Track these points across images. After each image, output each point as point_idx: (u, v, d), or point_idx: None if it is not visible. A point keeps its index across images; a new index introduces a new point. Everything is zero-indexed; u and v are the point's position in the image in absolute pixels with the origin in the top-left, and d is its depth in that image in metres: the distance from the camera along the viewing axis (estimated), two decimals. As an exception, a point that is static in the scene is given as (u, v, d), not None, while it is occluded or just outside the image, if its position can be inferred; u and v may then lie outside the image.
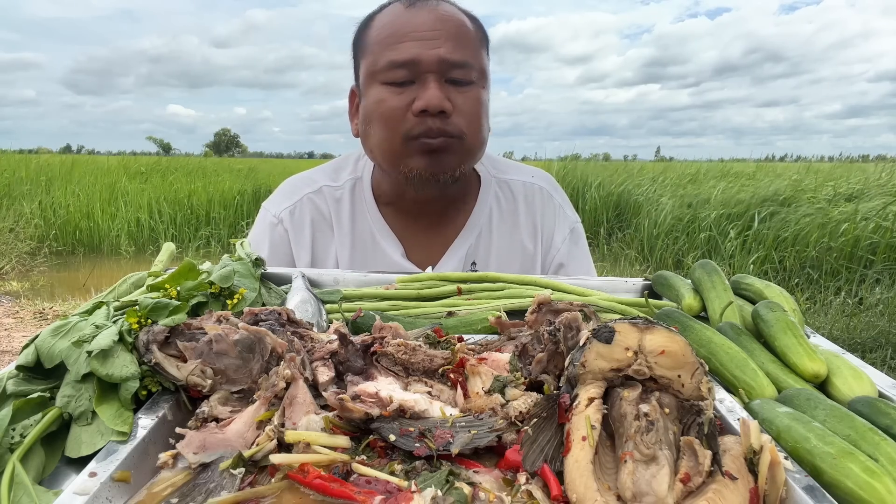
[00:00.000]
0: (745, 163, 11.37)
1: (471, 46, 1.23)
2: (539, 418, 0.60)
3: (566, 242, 1.45)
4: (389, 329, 0.80)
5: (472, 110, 1.22)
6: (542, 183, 1.48)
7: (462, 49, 1.20)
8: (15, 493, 0.54)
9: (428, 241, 1.39)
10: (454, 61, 1.18)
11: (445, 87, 1.19)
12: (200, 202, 10.07)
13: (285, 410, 0.64)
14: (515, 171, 1.50)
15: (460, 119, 1.20)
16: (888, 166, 8.67)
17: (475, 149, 1.27)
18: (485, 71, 1.26)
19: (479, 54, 1.25)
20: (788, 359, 0.77)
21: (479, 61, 1.24)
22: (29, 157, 14.16)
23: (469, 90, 1.22)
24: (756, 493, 0.53)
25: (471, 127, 1.23)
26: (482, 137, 1.28)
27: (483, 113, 1.25)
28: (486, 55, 1.28)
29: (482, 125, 1.26)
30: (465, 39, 1.22)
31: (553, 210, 1.46)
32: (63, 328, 0.70)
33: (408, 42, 1.18)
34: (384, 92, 1.21)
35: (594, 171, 9.90)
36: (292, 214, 1.40)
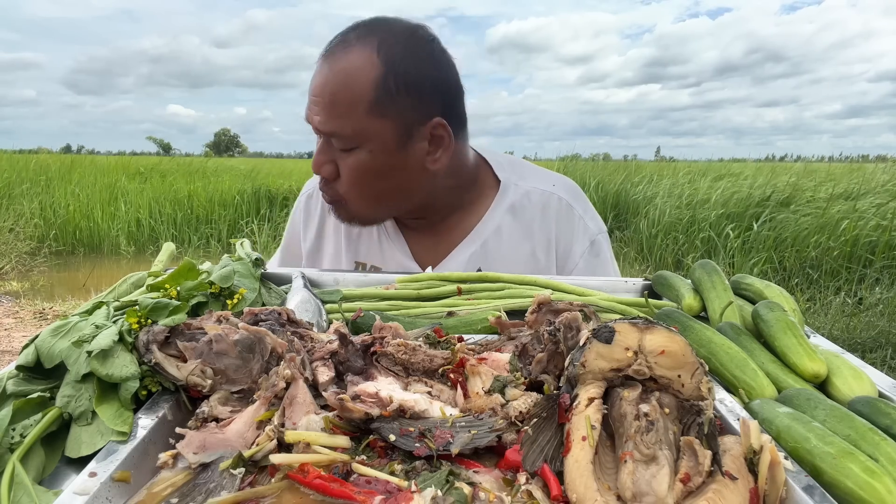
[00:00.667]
0: (744, 163, 11.38)
1: (347, 113, 1.15)
2: (539, 418, 0.60)
3: (585, 256, 1.39)
4: (389, 329, 0.80)
5: (350, 177, 1.21)
6: (563, 193, 1.42)
7: (333, 119, 1.16)
8: (15, 493, 0.54)
9: (434, 243, 1.38)
10: (326, 132, 1.18)
11: (333, 150, 1.20)
12: (200, 202, 10.07)
13: (285, 410, 0.64)
14: (536, 178, 1.45)
15: (340, 185, 1.22)
16: (888, 166, 8.67)
17: (361, 210, 1.27)
18: (368, 134, 1.16)
19: (360, 118, 1.16)
20: (788, 359, 0.77)
21: (356, 126, 1.16)
22: (29, 156, 14.16)
23: (349, 156, 1.19)
24: (756, 493, 0.53)
25: (351, 192, 1.23)
26: (368, 198, 1.25)
27: (365, 176, 1.20)
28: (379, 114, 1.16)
29: (364, 188, 1.22)
30: (340, 106, 1.16)
31: (572, 222, 1.40)
32: (63, 328, 0.70)
33: (308, 101, 1.21)
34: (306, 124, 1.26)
35: (594, 171, 9.89)
36: (309, 198, 1.51)
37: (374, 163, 1.19)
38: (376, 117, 1.17)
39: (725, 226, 7.04)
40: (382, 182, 1.22)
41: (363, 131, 1.17)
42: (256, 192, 10.58)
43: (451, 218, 1.38)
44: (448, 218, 1.38)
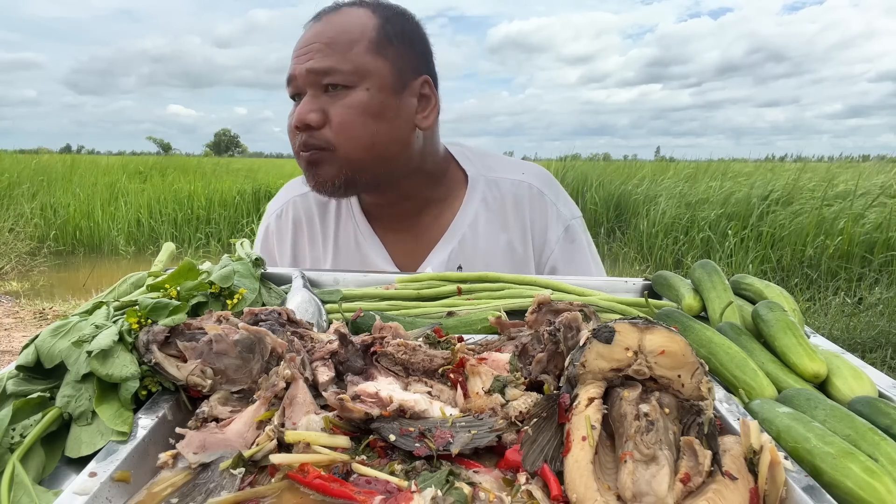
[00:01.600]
0: (744, 163, 11.38)
1: (346, 49, 1.17)
2: (539, 418, 0.60)
3: (560, 242, 1.38)
4: (389, 329, 0.80)
5: (343, 118, 1.17)
6: (533, 180, 1.41)
7: (331, 56, 1.16)
8: (15, 493, 0.54)
9: (411, 245, 1.37)
10: (319, 69, 1.16)
11: (321, 99, 1.18)
12: (200, 202, 10.07)
13: (285, 410, 0.64)
14: (505, 168, 1.44)
15: (330, 130, 1.18)
16: (887, 166, 8.67)
17: (353, 155, 1.20)
18: (368, 71, 1.18)
19: (361, 55, 1.18)
20: (788, 359, 0.77)
21: (355, 62, 1.17)
22: (29, 157, 14.16)
23: (344, 96, 1.17)
24: (756, 493, 0.53)
25: (341, 135, 1.18)
26: (361, 142, 1.20)
27: (362, 116, 1.18)
28: (379, 53, 1.20)
29: (359, 130, 1.19)
30: (339, 44, 1.17)
31: (544, 208, 1.39)
32: (63, 328, 0.70)
33: (293, 59, 1.21)
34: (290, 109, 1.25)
35: (594, 171, 9.90)
36: (279, 217, 1.46)
37: (372, 102, 1.19)
38: (375, 56, 1.20)
39: (725, 226, 7.04)
40: (377, 124, 1.20)
41: (363, 67, 1.19)
42: (256, 192, 10.59)
43: (425, 216, 1.37)
44: (422, 216, 1.37)
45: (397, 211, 1.36)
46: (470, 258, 1.33)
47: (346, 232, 1.38)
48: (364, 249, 1.36)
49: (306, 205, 1.43)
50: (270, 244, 1.47)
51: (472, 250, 1.34)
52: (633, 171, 10.35)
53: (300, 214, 1.43)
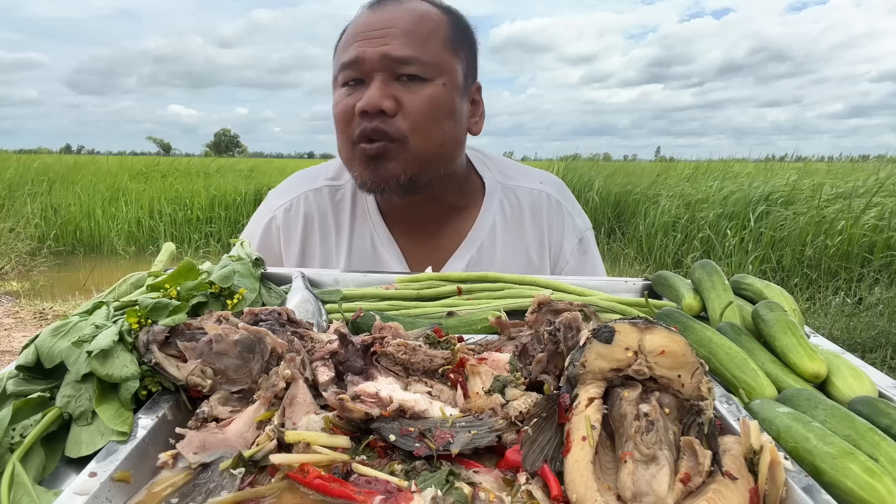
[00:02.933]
0: (745, 163, 11.39)
1: (425, 41, 1.16)
2: (539, 418, 0.60)
3: (575, 253, 1.39)
4: (389, 329, 0.80)
5: (420, 109, 1.14)
6: (551, 190, 1.41)
7: (412, 45, 1.14)
8: (15, 493, 0.54)
9: (428, 251, 1.35)
10: (399, 57, 1.13)
11: (392, 86, 1.14)
12: (200, 202, 10.07)
13: (285, 410, 0.64)
14: (523, 176, 1.43)
15: (404, 120, 1.14)
16: (886, 166, 8.68)
17: (424, 152, 1.17)
18: (445, 67, 1.18)
19: (438, 49, 1.17)
20: (788, 359, 0.77)
21: (435, 56, 1.16)
22: (29, 157, 14.17)
23: (420, 88, 1.15)
24: (756, 493, 0.53)
25: (416, 127, 1.14)
26: (435, 139, 1.18)
27: (437, 111, 1.16)
28: (454, 50, 1.21)
29: (432, 125, 1.16)
30: (419, 34, 1.15)
31: (561, 219, 1.39)
32: (63, 328, 0.70)
33: (358, 41, 1.16)
34: (339, 94, 1.20)
35: (595, 171, 9.89)
36: (287, 212, 1.38)
37: (445, 98, 1.18)
38: (451, 53, 1.20)
39: (725, 226, 7.04)
40: (447, 122, 1.19)
41: (441, 61, 1.18)
42: (257, 193, 10.59)
43: (445, 222, 1.35)
44: (442, 221, 1.35)
45: (419, 215, 1.33)
46: (487, 266, 1.32)
47: (361, 233, 1.34)
48: (380, 253, 1.33)
49: (319, 201, 1.37)
50: (274, 240, 1.38)
51: (489, 259, 1.33)
52: (634, 171, 10.35)
53: (312, 211, 1.36)
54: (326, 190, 1.38)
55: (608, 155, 13.91)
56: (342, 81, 1.19)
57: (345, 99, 1.18)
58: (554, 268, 1.39)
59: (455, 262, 1.32)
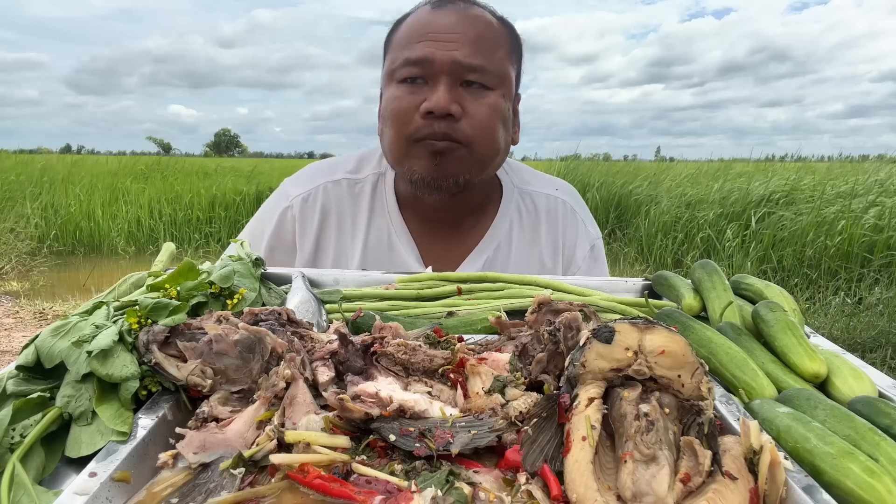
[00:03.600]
0: (745, 162, 11.39)
1: (492, 51, 1.19)
2: (539, 418, 0.60)
3: (586, 260, 1.41)
4: (389, 329, 0.80)
5: (484, 117, 1.17)
6: (566, 197, 1.44)
7: (480, 53, 1.17)
8: (15, 493, 0.54)
9: (445, 249, 1.36)
10: (468, 65, 1.15)
11: (457, 91, 1.16)
12: (201, 202, 10.07)
13: (285, 410, 0.64)
14: (539, 182, 1.46)
15: (469, 125, 1.17)
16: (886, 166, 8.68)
17: (485, 159, 1.22)
18: (507, 77, 1.22)
19: (502, 60, 1.21)
20: (788, 359, 0.77)
21: (499, 67, 1.20)
22: (29, 157, 14.17)
23: (484, 96, 1.18)
24: (756, 493, 0.53)
25: (480, 135, 1.18)
26: (495, 147, 1.22)
27: (497, 121, 1.20)
28: (513, 62, 1.25)
29: (495, 134, 1.21)
30: (486, 44, 1.18)
31: (575, 226, 1.42)
32: (63, 328, 0.70)
33: (425, 41, 1.17)
34: (398, 90, 1.20)
35: (596, 172, 9.88)
36: (304, 202, 1.37)
37: (504, 108, 1.22)
38: (510, 64, 1.23)
39: (724, 225, 7.04)
40: (504, 131, 1.24)
41: (504, 72, 1.22)
42: (257, 193, 10.59)
43: (463, 222, 1.36)
44: (460, 222, 1.36)
45: (440, 214, 1.34)
46: (502, 267, 1.34)
47: (378, 229, 1.35)
48: (397, 249, 1.33)
49: (338, 193, 1.37)
50: (288, 228, 1.37)
51: (504, 259, 1.35)
52: (635, 171, 10.35)
53: (330, 202, 1.36)
54: (345, 183, 1.38)
55: (608, 155, 13.90)
56: (402, 77, 1.20)
57: (406, 96, 1.18)
58: (566, 272, 1.41)
59: (472, 261, 1.34)
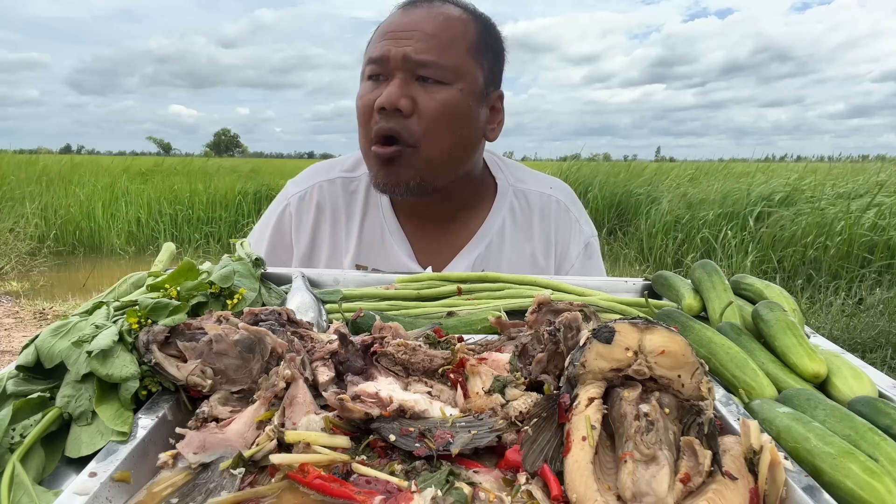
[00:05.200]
0: (745, 162, 11.40)
1: (447, 46, 1.18)
2: (539, 418, 0.60)
3: (580, 258, 1.42)
4: (389, 329, 0.80)
5: (434, 112, 1.16)
6: (560, 195, 1.45)
7: (434, 49, 1.17)
8: (15, 493, 0.54)
9: (437, 245, 1.37)
10: (419, 60, 1.16)
11: (411, 87, 1.17)
12: (200, 202, 10.07)
13: (285, 410, 0.64)
14: (533, 180, 1.46)
15: (419, 122, 1.16)
16: (886, 165, 8.68)
17: (436, 157, 1.20)
18: (464, 73, 1.20)
19: (459, 55, 1.20)
20: (788, 359, 0.77)
21: (455, 62, 1.19)
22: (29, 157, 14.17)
23: (436, 90, 1.17)
24: (756, 493, 0.53)
25: (429, 131, 1.17)
26: (444, 143, 1.20)
27: (448, 115, 1.18)
28: (479, 58, 1.23)
29: (444, 129, 1.19)
30: (442, 39, 1.18)
31: (569, 224, 1.42)
32: (63, 328, 0.70)
33: (385, 40, 1.20)
34: (363, 87, 1.23)
35: (596, 172, 9.89)
36: (301, 200, 1.42)
37: (461, 103, 1.21)
38: (473, 59, 1.23)
39: (724, 226, 7.04)
40: (460, 128, 1.23)
41: (461, 67, 1.21)
42: (256, 193, 10.59)
43: (455, 219, 1.38)
44: (452, 218, 1.37)
45: (431, 211, 1.36)
46: (495, 265, 1.35)
47: (372, 225, 1.37)
48: (390, 246, 1.36)
49: (333, 191, 1.40)
50: (287, 226, 1.41)
51: (497, 257, 1.36)
52: (635, 171, 10.35)
53: (325, 200, 1.40)
54: (340, 181, 1.41)
55: (608, 155, 13.92)
56: (367, 75, 1.23)
57: (368, 94, 1.21)
58: (559, 270, 1.41)
59: (463, 257, 1.35)
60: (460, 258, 1.35)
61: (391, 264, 1.34)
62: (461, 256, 1.35)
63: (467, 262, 1.34)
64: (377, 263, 1.35)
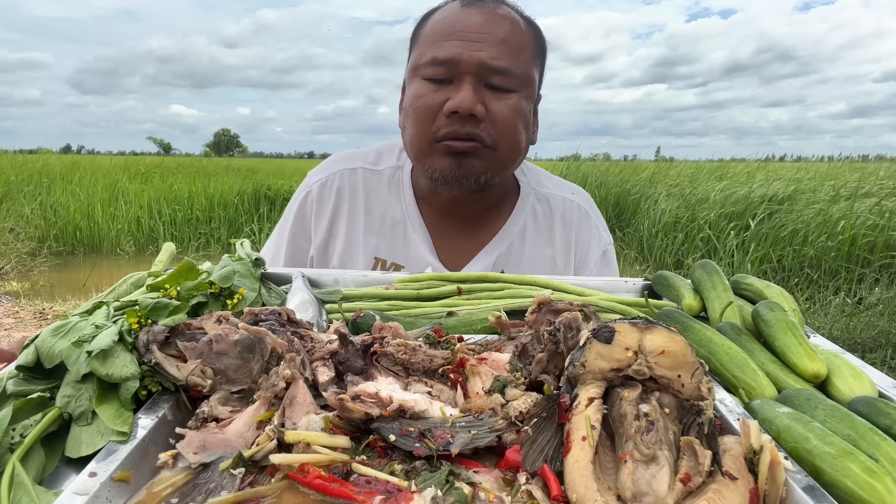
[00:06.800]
0: (745, 162, 11.39)
1: (518, 53, 1.20)
2: (539, 418, 0.60)
3: (598, 264, 1.43)
4: (389, 329, 0.80)
5: (507, 118, 1.19)
6: (581, 201, 1.46)
7: (507, 56, 1.17)
8: (15, 493, 0.54)
9: (458, 243, 1.38)
10: (494, 67, 1.16)
11: (481, 91, 1.17)
12: (200, 202, 10.07)
13: (285, 410, 0.64)
14: (555, 185, 1.48)
15: (492, 127, 1.18)
16: (886, 165, 8.68)
17: (507, 160, 1.24)
18: (530, 80, 1.23)
19: (527, 63, 1.22)
20: (788, 359, 0.77)
21: (524, 69, 1.21)
22: (29, 157, 14.18)
23: (507, 97, 1.19)
24: (756, 493, 0.53)
25: (503, 136, 1.20)
26: (517, 148, 1.24)
27: (519, 122, 1.21)
28: (537, 64, 1.26)
29: (517, 135, 1.22)
30: (513, 46, 1.19)
31: (589, 230, 1.44)
32: (63, 328, 0.70)
33: (452, 41, 1.18)
34: (422, 87, 1.21)
35: (596, 172, 9.88)
36: (322, 186, 1.42)
37: (526, 110, 1.23)
38: (534, 66, 1.24)
39: (725, 225, 7.04)
40: (525, 132, 1.25)
41: (528, 75, 1.22)
42: (256, 193, 10.59)
43: (478, 218, 1.38)
44: (476, 217, 1.38)
45: (459, 209, 1.36)
46: (514, 265, 1.36)
47: (394, 218, 1.38)
48: (411, 237, 1.36)
49: (354, 180, 1.41)
50: (308, 212, 1.42)
51: (517, 258, 1.37)
52: (634, 171, 10.35)
53: (345, 186, 1.40)
54: (362, 171, 1.42)
55: (608, 155, 13.90)
56: (428, 76, 1.21)
57: (431, 94, 1.20)
58: (577, 274, 1.42)
59: (485, 256, 1.36)
60: (481, 257, 1.36)
61: (412, 257, 1.34)
62: (482, 255, 1.36)
63: (488, 261, 1.35)
64: (397, 256, 1.35)
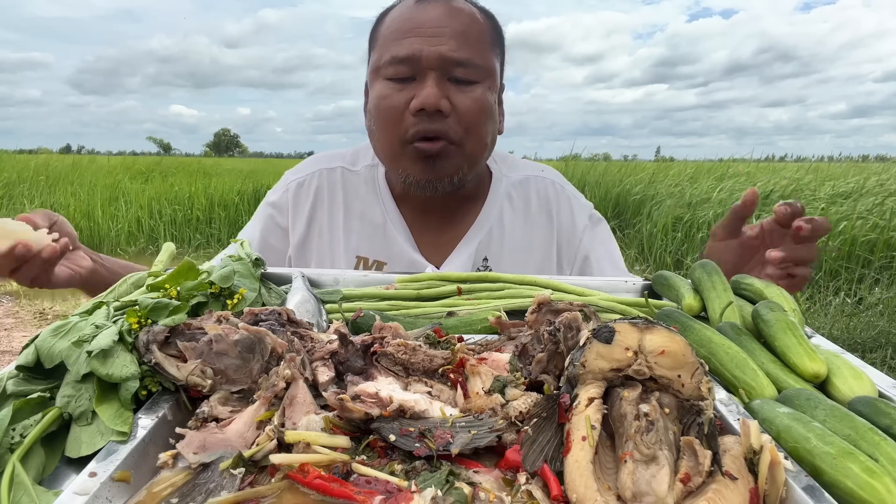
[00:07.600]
0: (745, 162, 11.41)
1: (477, 45, 1.19)
2: (539, 418, 0.60)
3: (588, 230, 1.43)
4: (389, 329, 0.80)
5: (473, 111, 1.18)
6: (553, 176, 1.48)
7: (467, 47, 1.17)
8: (15, 493, 0.54)
9: (439, 236, 1.38)
10: (456, 59, 1.15)
11: (445, 86, 1.17)
12: (200, 202, 10.08)
13: (285, 410, 0.64)
14: (525, 167, 1.50)
15: (459, 121, 1.18)
16: (887, 165, 8.68)
17: (476, 153, 1.24)
18: (492, 70, 1.23)
19: (487, 53, 1.21)
20: (788, 359, 0.77)
21: (485, 60, 1.20)
22: (29, 157, 14.19)
23: (471, 90, 1.19)
24: (756, 493, 0.53)
25: (470, 129, 1.19)
26: (484, 141, 1.24)
27: (485, 114, 1.21)
28: (497, 55, 1.25)
29: (484, 127, 1.22)
30: (472, 37, 1.19)
31: (567, 200, 1.44)
32: (63, 328, 0.70)
33: (411, 37, 1.17)
34: (385, 88, 1.20)
35: (596, 172, 9.88)
36: (300, 186, 1.41)
37: (490, 101, 1.22)
38: (494, 56, 1.24)
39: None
40: (490, 124, 1.24)
41: (489, 64, 1.22)
42: (257, 193, 10.59)
43: (456, 209, 1.39)
44: (453, 209, 1.39)
45: (437, 203, 1.36)
46: (497, 251, 1.36)
47: (373, 216, 1.38)
48: (391, 233, 1.36)
49: (332, 180, 1.41)
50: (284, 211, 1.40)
51: (498, 243, 1.38)
52: (634, 171, 10.35)
53: (324, 186, 1.40)
54: (340, 171, 1.42)
55: (608, 155, 13.92)
56: (389, 75, 1.20)
57: (395, 94, 1.18)
58: (568, 248, 1.42)
59: (466, 246, 1.36)
60: (462, 246, 1.36)
61: (393, 254, 1.35)
62: (463, 245, 1.36)
63: (469, 250, 1.35)
64: (378, 253, 1.35)
